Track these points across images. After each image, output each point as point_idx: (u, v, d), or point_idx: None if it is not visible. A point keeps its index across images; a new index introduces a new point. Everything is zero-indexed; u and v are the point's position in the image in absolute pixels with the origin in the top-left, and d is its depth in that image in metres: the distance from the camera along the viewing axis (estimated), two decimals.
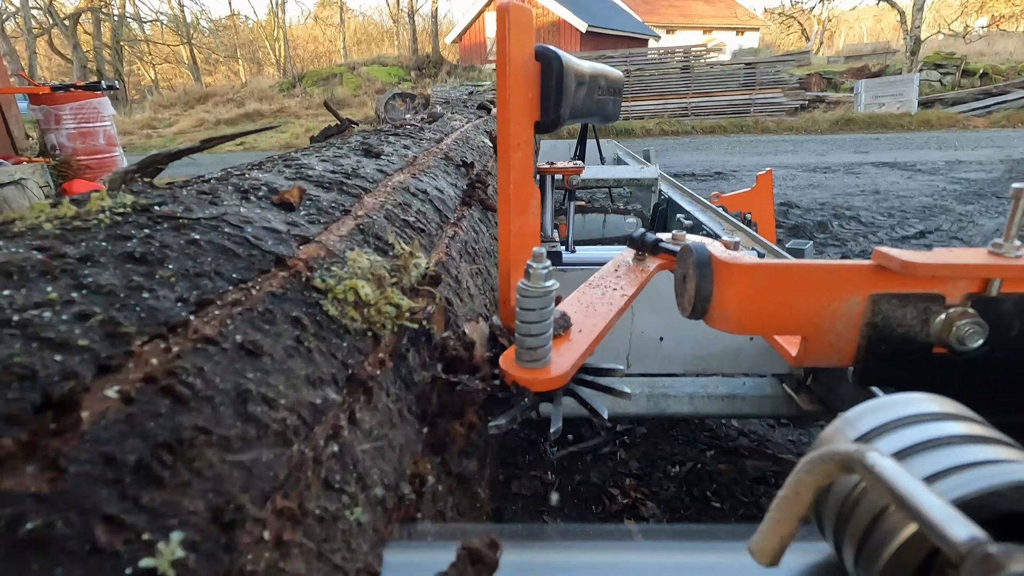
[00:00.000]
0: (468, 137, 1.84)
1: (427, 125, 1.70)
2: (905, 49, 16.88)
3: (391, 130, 1.40)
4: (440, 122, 1.84)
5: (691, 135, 13.36)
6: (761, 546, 0.32)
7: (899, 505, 0.27)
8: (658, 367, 1.72)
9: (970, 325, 0.59)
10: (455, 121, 1.81)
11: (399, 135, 1.33)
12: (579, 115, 0.76)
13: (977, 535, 0.24)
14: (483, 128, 1.88)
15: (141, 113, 19.70)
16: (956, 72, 15.97)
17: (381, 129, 1.49)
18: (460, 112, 1.92)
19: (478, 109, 1.92)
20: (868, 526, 0.33)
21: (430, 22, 27.36)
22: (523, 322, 0.60)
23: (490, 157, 1.77)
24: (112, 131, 7.22)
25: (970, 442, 0.34)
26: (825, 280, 0.62)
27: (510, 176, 0.67)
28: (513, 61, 0.62)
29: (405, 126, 1.36)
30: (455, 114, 1.78)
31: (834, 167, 8.35)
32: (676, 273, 0.74)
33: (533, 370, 0.62)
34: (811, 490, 0.31)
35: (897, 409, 0.38)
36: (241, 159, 11.68)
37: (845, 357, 0.64)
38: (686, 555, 0.40)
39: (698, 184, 7.24)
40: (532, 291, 0.59)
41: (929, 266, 0.58)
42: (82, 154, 6.87)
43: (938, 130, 12.33)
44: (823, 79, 17.18)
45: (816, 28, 32.94)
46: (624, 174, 3.40)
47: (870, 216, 5.52)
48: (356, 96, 19.90)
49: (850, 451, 0.30)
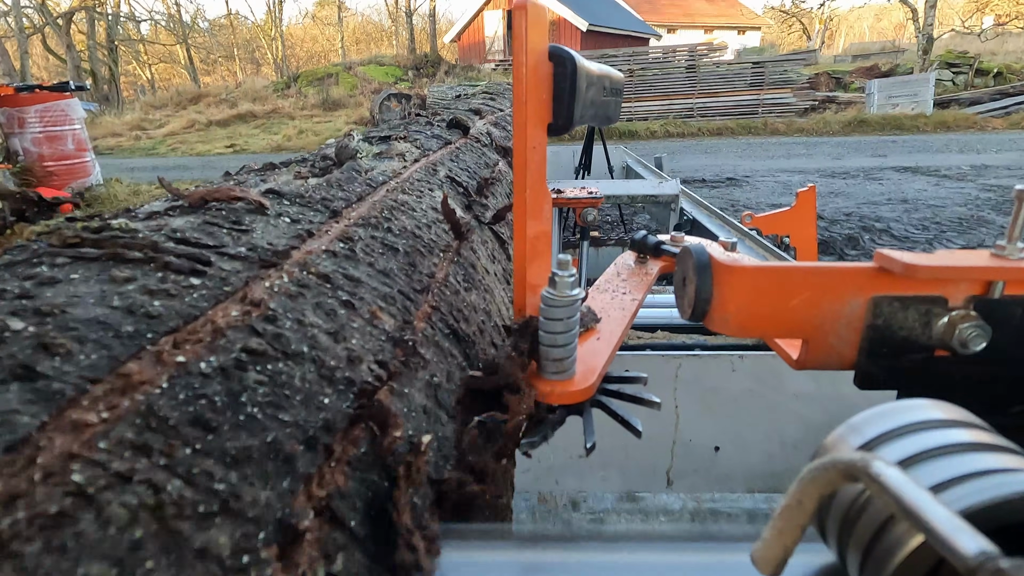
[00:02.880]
0: (403, 201, 0.79)
1: (310, 183, 0.68)
2: (917, 48, 16.39)
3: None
4: (344, 172, 0.73)
5: (698, 137, 12.87)
6: (763, 554, 0.31)
7: (905, 516, 0.26)
8: (710, 485, 1.24)
9: (973, 328, 0.58)
10: (388, 164, 0.83)
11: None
12: (587, 118, 0.73)
13: (987, 549, 0.23)
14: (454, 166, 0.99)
15: (132, 114, 19.22)
16: (969, 72, 15.51)
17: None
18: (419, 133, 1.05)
19: (450, 128, 1.11)
20: (873, 536, 0.32)
21: (428, 21, 26.96)
22: (548, 332, 0.57)
23: (449, 260, 0.94)
24: (82, 135, 6.75)
25: (978, 450, 0.34)
26: (826, 282, 0.61)
27: (526, 180, 0.63)
28: (529, 62, 0.59)
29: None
30: (402, 141, 0.91)
31: (853, 172, 7.88)
32: (676, 275, 0.73)
33: (559, 382, 0.59)
34: (814, 499, 0.30)
35: (902, 416, 0.37)
36: (233, 161, 11.24)
37: (846, 360, 0.63)
38: (690, 556, 0.40)
39: (710, 192, 6.76)
40: (558, 300, 0.56)
41: (931, 268, 0.57)
42: (49, 160, 6.40)
43: (955, 132, 11.85)
44: (832, 79, 16.72)
45: (817, 27, 32.57)
46: (639, 190, 2.92)
47: (903, 229, 5.04)
48: (352, 96, 19.46)
49: (854, 460, 0.29)
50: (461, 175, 0.91)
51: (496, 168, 1.17)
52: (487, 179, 0.93)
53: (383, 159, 0.77)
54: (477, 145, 1.16)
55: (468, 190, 0.87)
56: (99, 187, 6.84)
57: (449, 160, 0.92)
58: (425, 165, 0.83)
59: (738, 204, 6.13)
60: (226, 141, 14.71)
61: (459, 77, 19.51)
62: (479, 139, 1.19)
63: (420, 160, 0.84)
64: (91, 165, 6.92)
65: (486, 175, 1.00)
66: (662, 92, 14.33)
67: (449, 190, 0.82)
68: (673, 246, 0.92)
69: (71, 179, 6.59)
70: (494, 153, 1.24)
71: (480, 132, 1.28)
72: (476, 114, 1.42)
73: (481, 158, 1.08)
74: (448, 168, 0.89)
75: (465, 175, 0.93)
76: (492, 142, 1.20)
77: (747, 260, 0.67)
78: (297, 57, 39.65)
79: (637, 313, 0.79)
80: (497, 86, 3.11)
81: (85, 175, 6.76)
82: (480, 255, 0.72)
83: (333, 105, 18.66)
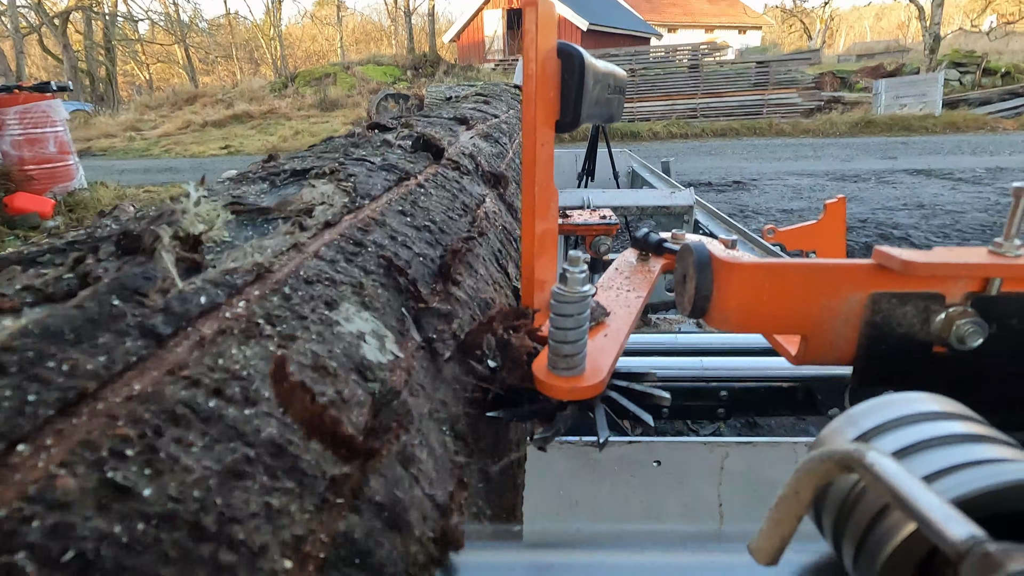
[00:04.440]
0: (234, 371, 0.31)
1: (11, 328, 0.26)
2: (923, 47, 16.12)
3: None
4: (99, 300, 0.28)
5: (701, 138, 12.60)
6: (760, 545, 0.31)
7: (898, 504, 0.27)
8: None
9: (970, 324, 0.58)
10: (267, 242, 0.40)
11: None
12: (592, 116, 0.72)
13: (976, 534, 0.24)
14: (403, 225, 0.59)
15: (127, 114, 18.95)
16: (976, 71, 15.24)
17: None
18: (361, 163, 0.65)
19: (416, 150, 0.78)
20: (867, 525, 0.33)
21: (427, 21, 26.70)
22: (559, 328, 0.55)
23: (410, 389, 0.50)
24: (65, 137, 6.48)
25: (970, 441, 0.34)
26: (825, 279, 0.61)
27: (535, 178, 0.63)
28: (540, 59, 0.59)
29: None
30: (326, 179, 0.53)
31: (864, 175, 7.62)
32: (676, 272, 0.71)
33: (569, 378, 0.57)
34: (810, 489, 0.30)
35: (897, 408, 0.37)
36: (227, 163, 10.97)
37: (845, 356, 0.63)
38: (688, 555, 0.40)
39: (717, 197, 6.50)
40: (569, 296, 0.54)
41: (929, 265, 0.57)
42: (30, 163, 6.13)
43: (965, 133, 11.58)
44: (836, 78, 16.46)
45: (819, 27, 32.33)
46: (650, 200, 2.67)
47: (922, 237, 4.79)
48: (350, 96, 19.20)
49: (849, 450, 0.29)
50: (410, 247, 0.54)
51: (479, 214, 0.80)
52: (460, 247, 0.59)
53: (262, 226, 0.41)
54: (453, 175, 0.81)
55: (415, 284, 0.48)
56: (83, 191, 6.58)
57: (397, 213, 0.57)
58: (345, 234, 0.46)
59: (747, 210, 5.88)
60: (221, 142, 14.45)
61: (458, 77, 19.24)
62: (458, 164, 0.86)
63: (340, 222, 0.47)
64: (74, 168, 6.64)
65: (460, 234, 0.65)
66: (664, 92, 14.06)
67: (377, 288, 0.44)
68: (674, 244, 0.92)
69: (53, 183, 6.32)
70: (480, 185, 0.89)
71: (461, 153, 0.92)
72: (462, 124, 1.10)
73: (456, 200, 0.74)
74: (390, 232, 0.53)
75: (419, 244, 0.56)
76: (478, 167, 0.90)
77: (747, 257, 0.68)
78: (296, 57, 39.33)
79: (642, 311, 0.79)
80: (494, 87, 2.84)
81: (68, 179, 6.49)
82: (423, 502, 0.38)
83: (330, 105, 18.39)
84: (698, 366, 1.17)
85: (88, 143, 15.00)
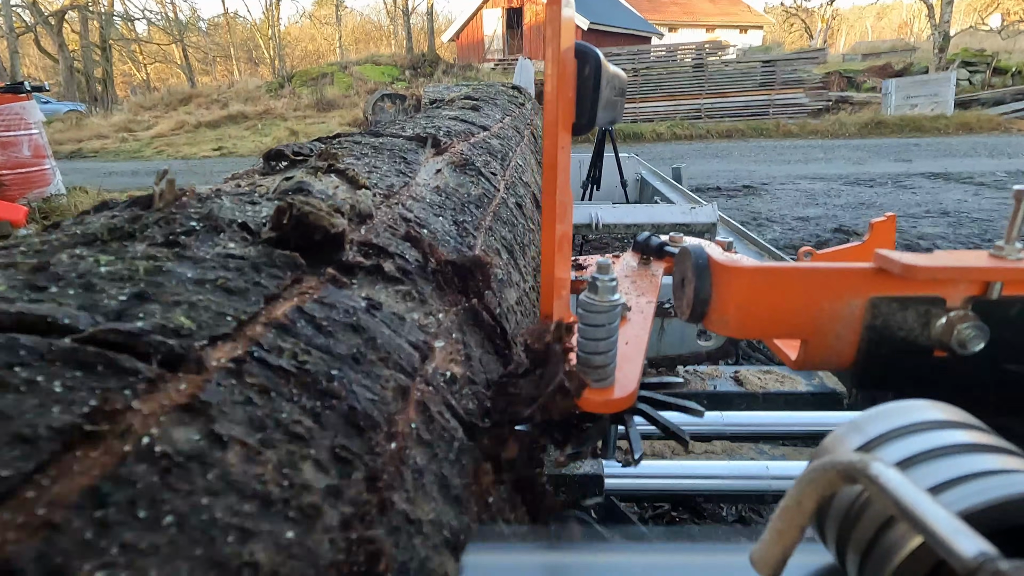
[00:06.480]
0: None
1: None
2: (932, 46, 15.76)
3: None
4: None
5: (706, 139, 12.26)
6: (763, 555, 0.31)
7: (904, 517, 0.26)
8: None
9: (971, 328, 0.57)
10: None
11: None
12: (602, 119, 0.68)
13: (986, 550, 0.23)
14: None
15: (120, 115, 18.61)
16: (987, 70, 14.91)
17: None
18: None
19: (278, 241, 0.35)
20: (872, 538, 0.32)
21: (426, 20, 26.36)
22: (589, 339, 0.54)
23: None
24: (41, 140, 6.15)
25: (977, 451, 0.33)
26: (825, 283, 0.60)
27: (556, 181, 0.59)
28: (561, 60, 0.56)
29: None
30: None
31: (879, 179, 7.28)
32: (674, 276, 0.72)
33: (600, 390, 0.56)
34: (813, 500, 0.30)
35: (901, 417, 0.36)
36: (222, 165, 10.64)
37: (845, 360, 0.62)
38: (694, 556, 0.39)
39: (727, 203, 6.17)
40: (599, 306, 0.53)
41: (929, 269, 0.56)
42: (1, 168, 5.80)
43: (979, 134, 11.23)
44: (843, 78, 16.12)
45: (820, 26, 32.00)
46: (667, 217, 2.34)
47: (952, 248, 4.45)
48: (347, 96, 18.85)
49: (853, 461, 0.28)
50: None
51: (413, 398, 0.41)
52: None
53: None
54: (358, 298, 0.41)
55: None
56: (59, 197, 6.26)
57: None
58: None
59: (760, 217, 5.54)
60: (214, 143, 14.11)
61: (457, 77, 18.91)
62: (378, 267, 0.45)
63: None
64: (51, 173, 6.31)
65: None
66: (668, 92, 13.72)
67: None
68: (674, 247, 0.92)
69: (28, 189, 6.00)
70: (428, 302, 0.51)
71: (391, 229, 0.54)
72: (430, 146, 0.74)
73: (343, 385, 0.31)
74: None
75: None
76: (424, 259, 0.51)
77: (746, 260, 0.68)
78: (294, 57, 38.96)
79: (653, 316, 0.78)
80: (488, 88, 2.48)
81: (43, 184, 6.17)
82: None
83: (327, 106, 18.04)
84: (764, 473, 0.86)
85: (80, 144, 14.66)
